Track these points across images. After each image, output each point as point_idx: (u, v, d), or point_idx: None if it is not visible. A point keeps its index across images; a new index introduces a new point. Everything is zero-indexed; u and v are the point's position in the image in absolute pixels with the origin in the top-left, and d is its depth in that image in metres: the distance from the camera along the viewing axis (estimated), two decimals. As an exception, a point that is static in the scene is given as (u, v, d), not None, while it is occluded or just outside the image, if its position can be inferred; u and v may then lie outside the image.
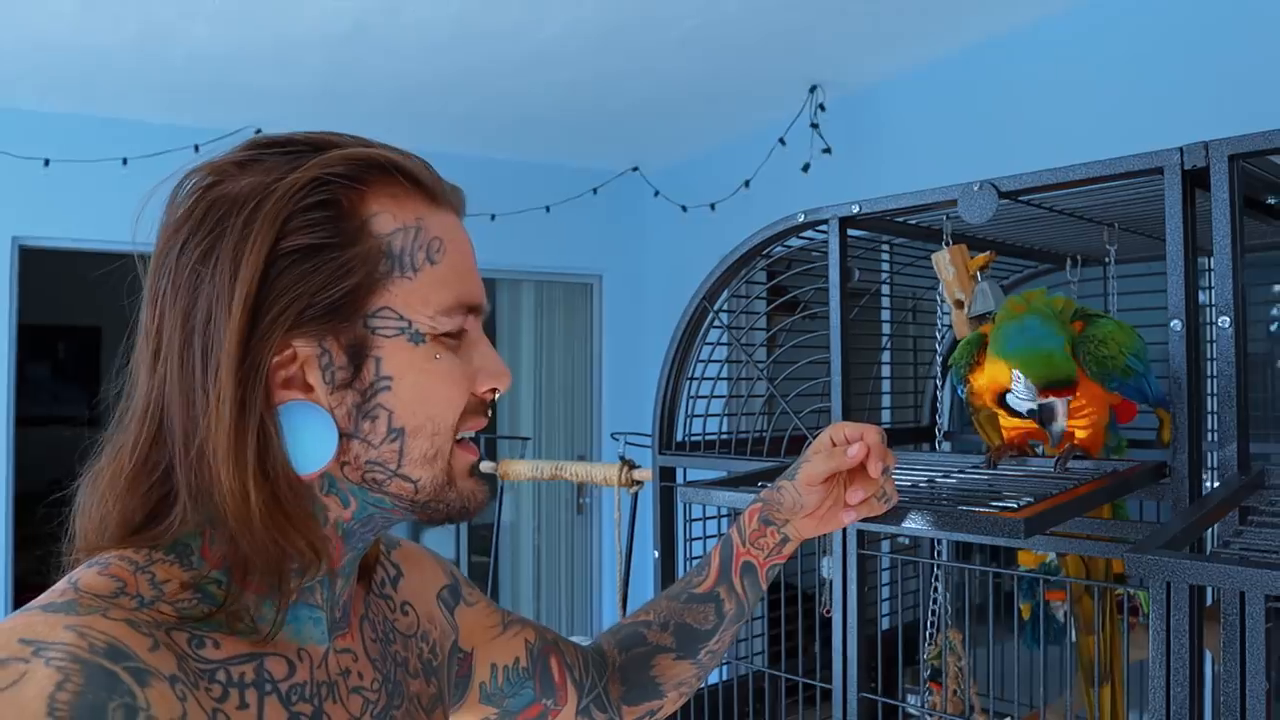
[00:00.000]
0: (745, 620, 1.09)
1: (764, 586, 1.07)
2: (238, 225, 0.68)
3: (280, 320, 0.68)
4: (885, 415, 2.84)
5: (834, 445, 1.00)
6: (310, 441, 0.70)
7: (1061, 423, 1.36)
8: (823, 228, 1.75)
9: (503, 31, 3.29)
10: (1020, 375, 1.38)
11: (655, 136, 4.52)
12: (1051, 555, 1.94)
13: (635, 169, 4.84)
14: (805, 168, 3.90)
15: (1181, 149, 1.25)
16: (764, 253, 1.89)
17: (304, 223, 0.69)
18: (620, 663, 1.07)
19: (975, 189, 1.46)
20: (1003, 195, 1.44)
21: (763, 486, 1.36)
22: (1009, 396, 1.44)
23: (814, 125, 3.87)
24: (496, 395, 0.79)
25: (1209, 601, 1.49)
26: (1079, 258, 2.13)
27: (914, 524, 1.06)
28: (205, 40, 3.25)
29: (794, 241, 1.87)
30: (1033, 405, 1.39)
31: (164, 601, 0.66)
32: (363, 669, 0.78)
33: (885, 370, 2.59)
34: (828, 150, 3.85)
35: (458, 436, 0.76)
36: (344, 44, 3.33)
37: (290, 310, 0.68)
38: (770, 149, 4.04)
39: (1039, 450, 1.67)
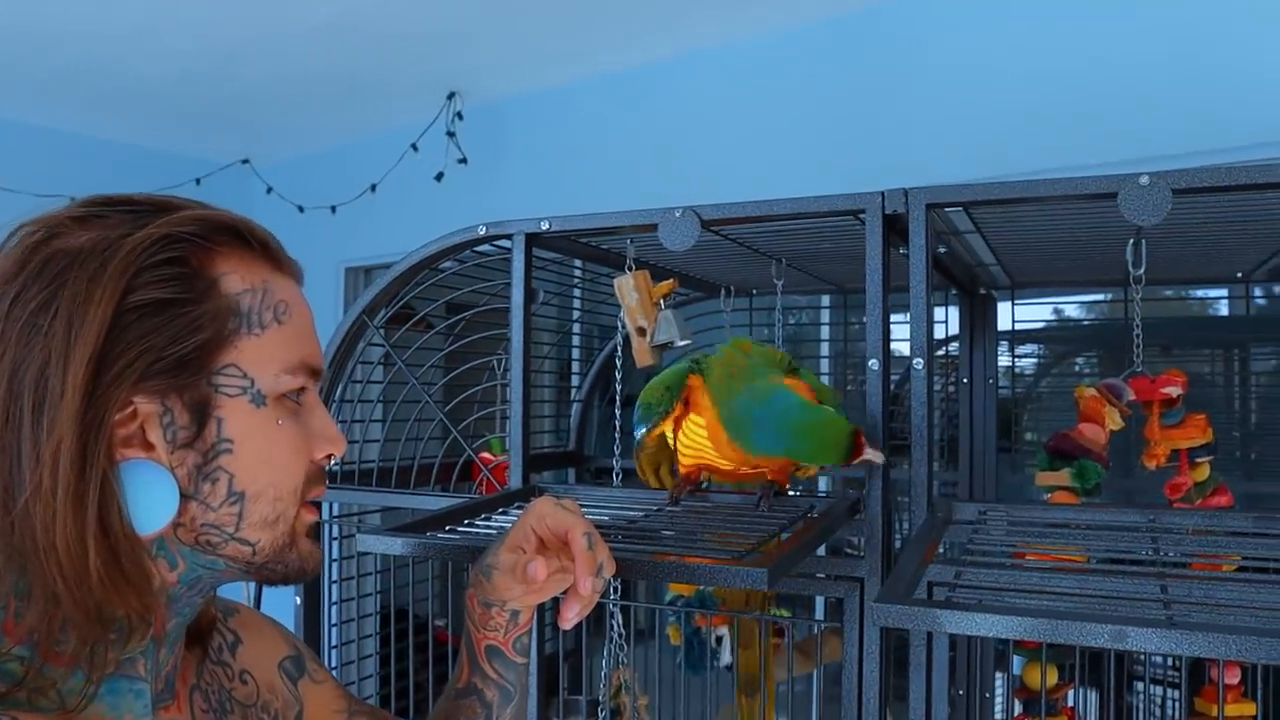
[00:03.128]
0: (518, 700, 0.99)
1: (520, 659, 0.97)
2: (81, 278, 0.67)
3: (126, 374, 0.67)
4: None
5: (533, 534, 0.91)
6: (151, 501, 0.69)
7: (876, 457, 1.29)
8: (504, 242, 1.63)
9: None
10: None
11: (271, 128, 4.14)
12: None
13: (245, 161, 4.42)
14: (439, 176, 3.76)
15: (883, 193, 1.28)
16: (436, 265, 1.74)
17: (154, 277, 0.69)
18: None
19: (677, 215, 1.42)
20: (704, 224, 1.42)
21: (450, 530, 1.22)
22: None
23: (450, 134, 3.74)
24: (332, 461, 0.80)
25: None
26: (731, 288, 2.20)
27: (654, 575, 0.98)
28: None
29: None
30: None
31: None
32: None
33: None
34: (464, 160, 3.74)
35: (306, 499, 0.78)
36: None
37: (137, 364, 0.67)
38: (401, 154, 3.85)
39: (705, 485, 1.66)
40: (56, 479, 0.65)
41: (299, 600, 1.73)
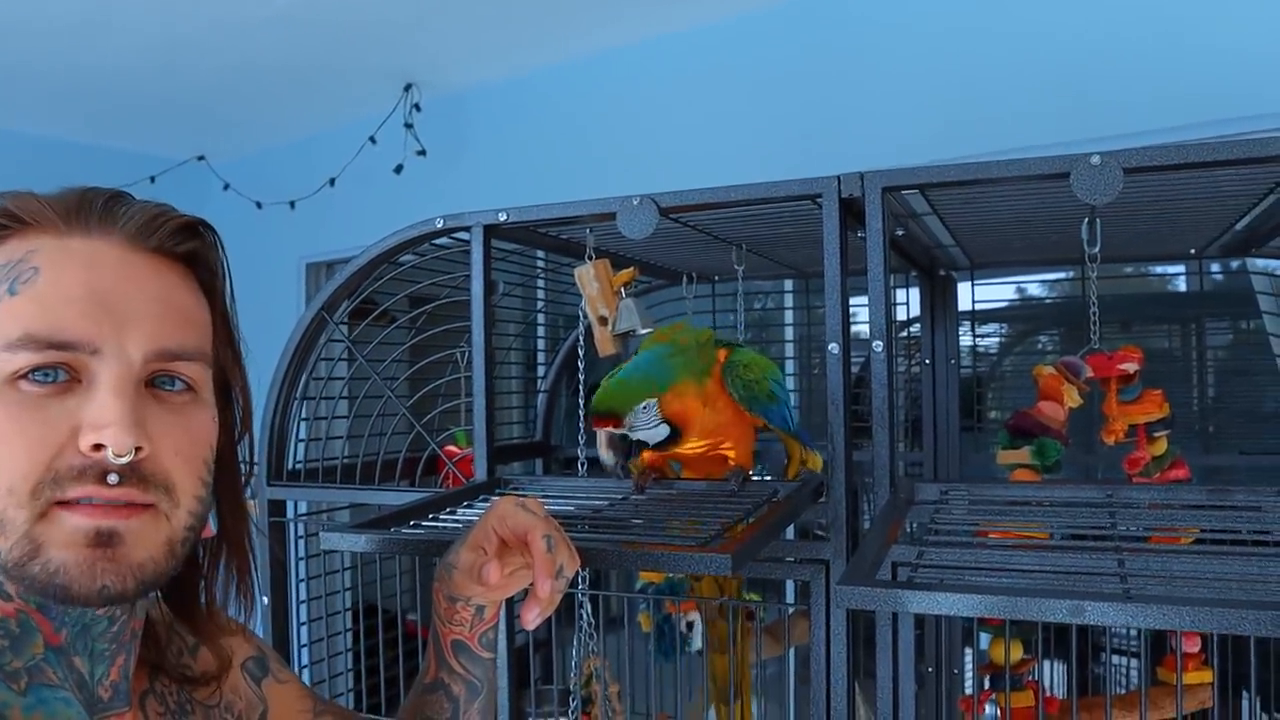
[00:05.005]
0: (486, 695, 0.98)
1: (487, 654, 0.97)
2: None
3: None
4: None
5: (494, 535, 0.89)
6: None
7: (602, 454, 1.34)
8: (462, 234, 1.62)
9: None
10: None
11: (227, 123, 4.09)
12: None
13: (201, 158, 4.36)
14: (398, 169, 3.73)
15: (839, 178, 1.29)
16: (394, 259, 1.72)
17: None
18: None
19: (635, 203, 1.42)
20: (662, 212, 1.41)
21: (415, 525, 1.22)
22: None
23: (408, 125, 3.71)
24: (111, 454, 0.66)
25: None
26: (694, 275, 2.20)
27: (618, 564, 0.98)
28: None
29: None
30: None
31: None
32: None
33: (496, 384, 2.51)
34: (422, 153, 3.71)
35: (65, 498, 0.66)
36: None
37: None
38: (360, 146, 3.81)
39: (677, 471, 1.66)
40: None
41: (266, 600, 1.72)
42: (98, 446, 0.66)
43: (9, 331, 0.66)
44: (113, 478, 0.66)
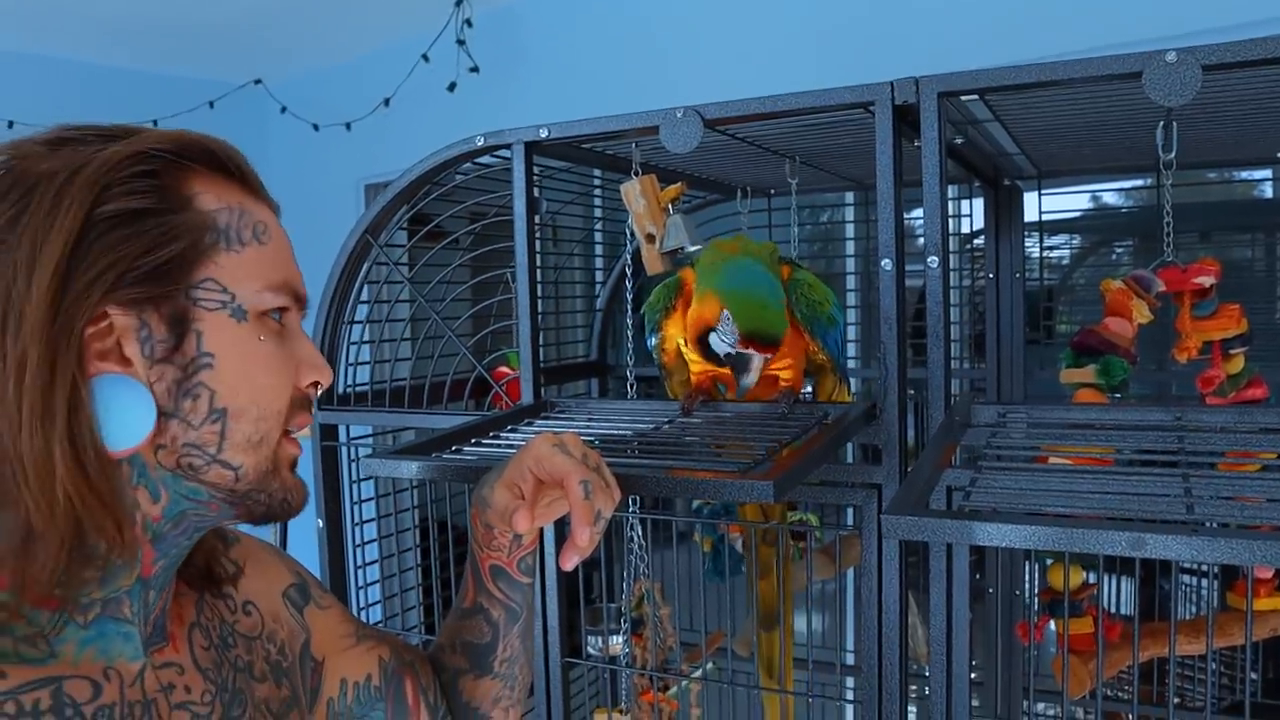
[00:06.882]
0: (525, 619, 0.98)
1: (525, 579, 0.96)
2: (49, 192, 0.65)
3: (97, 283, 0.65)
4: (549, 351, 2.75)
5: (530, 475, 0.88)
6: (125, 417, 0.67)
7: (752, 378, 1.30)
8: (504, 152, 1.58)
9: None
10: (729, 317, 1.30)
11: (281, 46, 4.05)
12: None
13: (258, 82, 4.34)
14: (451, 87, 3.67)
15: (892, 84, 1.21)
16: (437, 180, 1.69)
17: (126, 190, 0.67)
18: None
19: (679, 115, 1.35)
20: (707, 124, 1.35)
21: (457, 450, 1.20)
22: (712, 336, 1.34)
23: (460, 42, 3.63)
24: (319, 390, 0.78)
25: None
26: (749, 189, 2.13)
27: (659, 490, 0.96)
28: None
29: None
30: (731, 350, 1.31)
31: None
32: (190, 681, 0.75)
33: (546, 304, 2.48)
34: (475, 69, 3.64)
35: (291, 426, 0.75)
36: None
37: (109, 274, 0.65)
38: (413, 65, 3.75)
39: (724, 393, 1.62)
40: (21, 389, 0.63)
41: (321, 524, 1.74)
42: (316, 384, 0.76)
43: (271, 275, 0.73)
44: (312, 409, 0.79)
